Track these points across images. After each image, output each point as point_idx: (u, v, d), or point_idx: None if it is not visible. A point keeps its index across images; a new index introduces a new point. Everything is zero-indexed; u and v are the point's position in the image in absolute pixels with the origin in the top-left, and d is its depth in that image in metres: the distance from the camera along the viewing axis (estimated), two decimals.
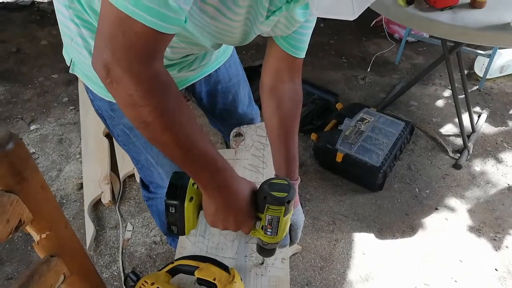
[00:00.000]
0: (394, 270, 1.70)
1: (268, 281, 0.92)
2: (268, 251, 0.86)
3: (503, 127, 2.42)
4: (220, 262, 0.83)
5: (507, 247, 1.79)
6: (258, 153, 1.25)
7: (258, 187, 0.79)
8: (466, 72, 2.73)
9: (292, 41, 0.87)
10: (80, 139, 2.24)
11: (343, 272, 1.68)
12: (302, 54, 0.90)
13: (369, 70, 2.86)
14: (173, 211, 0.77)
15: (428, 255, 1.76)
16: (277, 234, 0.79)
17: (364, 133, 2.07)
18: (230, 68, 1.18)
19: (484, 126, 2.42)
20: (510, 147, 2.29)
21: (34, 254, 1.68)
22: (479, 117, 2.46)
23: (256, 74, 2.75)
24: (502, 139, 2.34)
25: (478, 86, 2.70)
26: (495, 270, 1.71)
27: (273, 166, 1.16)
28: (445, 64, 2.09)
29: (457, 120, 2.21)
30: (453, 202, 1.98)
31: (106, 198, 1.88)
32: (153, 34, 0.55)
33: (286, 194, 0.75)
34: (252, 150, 1.25)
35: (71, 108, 2.50)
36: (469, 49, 2.67)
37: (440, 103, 2.59)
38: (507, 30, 1.58)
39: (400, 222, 1.89)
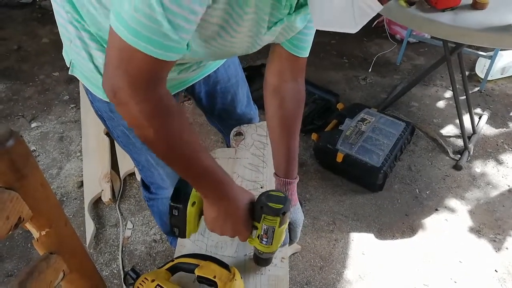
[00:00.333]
0: (393, 270, 1.70)
1: (267, 280, 0.93)
2: (264, 260, 0.91)
3: (504, 129, 2.42)
4: (220, 260, 0.83)
5: (507, 249, 1.79)
6: (258, 152, 1.25)
7: (256, 198, 0.84)
8: (467, 73, 2.73)
9: (295, 41, 0.87)
10: (80, 137, 2.24)
11: (343, 272, 1.68)
12: (305, 54, 0.91)
13: (370, 70, 2.86)
14: (176, 214, 0.82)
15: (427, 256, 1.76)
16: (272, 244, 0.83)
17: (364, 133, 2.07)
18: (229, 68, 1.18)
19: (485, 127, 2.42)
20: (510, 149, 2.28)
21: (34, 251, 1.69)
22: (480, 118, 2.46)
23: (257, 73, 2.77)
24: (502, 141, 2.34)
25: (479, 88, 2.70)
26: (495, 271, 1.71)
27: (272, 166, 1.17)
28: (446, 65, 2.09)
29: (458, 121, 2.21)
30: (453, 203, 1.98)
31: (106, 196, 1.88)
32: (155, 62, 0.58)
33: (282, 206, 0.80)
34: (252, 149, 1.25)
35: (72, 106, 2.50)
36: (470, 50, 2.67)
37: (441, 104, 2.59)
38: (509, 32, 1.58)
39: (400, 222, 1.89)
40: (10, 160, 0.60)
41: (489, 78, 2.68)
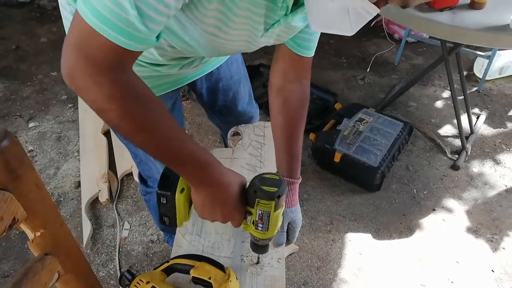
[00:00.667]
0: (391, 270, 1.70)
1: (263, 280, 0.93)
2: (260, 248, 0.86)
3: (502, 129, 2.42)
4: (215, 261, 0.83)
5: (504, 249, 1.79)
6: (255, 152, 1.25)
7: (249, 182, 0.79)
8: (465, 73, 2.73)
9: (298, 40, 0.87)
10: (78, 137, 2.24)
11: (340, 272, 1.68)
12: (310, 53, 0.90)
13: (368, 70, 2.86)
14: (164, 202, 0.78)
15: (425, 256, 1.76)
16: (268, 230, 0.79)
17: (362, 133, 2.07)
18: (232, 65, 1.18)
19: (482, 127, 2.42)
20: (508, 149, 2.29)
21: (30, 252, 1.67)
22: (478, 118, 2.46)
23: (255, 73, 2.74)
24: (500, 141, 2.34)
25: (477, 87, 2.70)
26: (492, 271, 1.71)
27: (269, 166, 1.17)
28: (444, 65, 2.09)
29: (455, 121, 2.21)
30: (450, 203, 1.98)
31: (104, 197, 1.88)
32: (117, 49, 0.56)
33: (277, 189, 0.75)
34: (249, 149, 1.25)
35: (70, 106, 2.49)
36: (468, 50, 2.67)
37: (439, 104, 2.59)
38: (507, 31, 1.58)
39: (397, 222, 1.89)
40: (4, 160, 0.60)
41: (487, 78, 2.68)
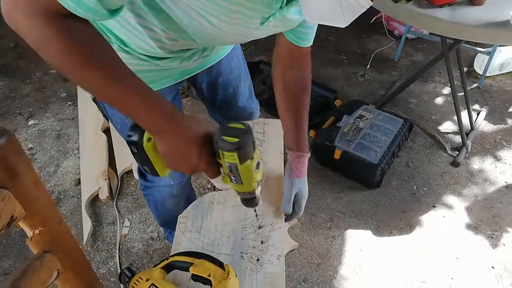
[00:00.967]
0: (391, 267, 1.70)
1: (263, 277, 0.92)
2: (245, 201, 0.84)
3: (502, 125, 2.41)
4: (215, 258, 0.82)
5: (504, 245, 1.79)
6: None
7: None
8: (465, 69, 2.72)
9: (297, 33, 0.90)
10: (78, 135, 2.24)
11: (340, 268, 1.68)
12: (308, 44, 0.94)
13: (368, 67, 2.85)
14: (135, 151, 0.74)
15: (425, 253, 1.76)
16: (242, 183, 0.75)
17: (362, 130, 2.07)
18: (232, 60, 1.19)
19: (483, 124, 2.41)
20: (508, 145, 2.28)
21: (31, 249, 1.68)
22: (478, 114, 2.46)
23: (255, 70, 2.74)
24: (501, 137, 2.33)
25: (477, 84, 2.70)
26: (492, 267, 1.71)
27: (270, 163, 1.17)
28: (444, 61, 2.08)
29: (456, 117, 2.21)
30: (450, 199, 1.98)
31: (104, 194, 1.88)
32: (63, 10, 0.56)
33: (238, 140, 0.68)
34: None
35: (70, 103, 2.49)
36: (468, 46, 2.66)
37: (439, 101, 2.59)
38: (507, 27, 1.58)
39: (397, 219, 1.89)
40: (2, 158, 0.60)
41: (487, 74, 2.67)
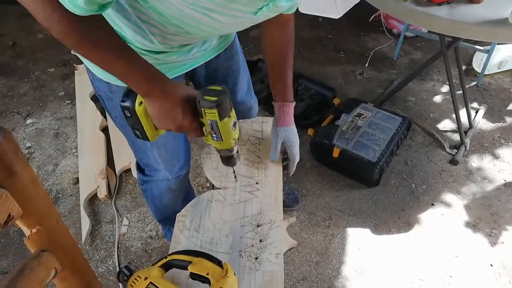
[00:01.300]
0: (389, 265, 1.70)
1: (262, 276, 0.92)
2: (225, 159, 0.96)
3: (501, 123, 2.41)
4: (213, 256, 0.82)
5: (503, 243, 1.79)
6: (253, 148, 1.24)
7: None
8: (464, 67, 2.72)
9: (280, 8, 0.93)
10: (76, 134, 2.23)
11: (339, 267, 1.69)
12: (292, 11, 0.97)
13: (367, 65, 2.85)
14: (128, 115, 0.83)
15: (423, 251, 1.76)
16: (222, 140, 0.87)
17: (361, 128, 2.07)
18: (231, 55, 1.19)
19: (481, 122, 2.41)
20: (507, 143, 2.28)
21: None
22: (477, 113, 2.46)
23: (254, 68, 2.73)
24: (499, 135, 2.33)
25: (476, 82, 2.69)
26: (491, 265, 1.71)
27: (268, 161, 1.17)
28: (443, 59, 2.08)
29: (454, 115, 2.21)
30: (449, 197, 1.99)
31: (102, 193, 1.87)
32: None
33: (217, 98, 0.80)
34: (247, 144, 1.25)
35: (68, 102, 2.48)
36: (467, 44, 2.66)
37: (437, 99, 2.59)
38: (505, 25, 1.57)
39: (396, 217, 1.89)
40: None
41: (486, 73, 2.67)
